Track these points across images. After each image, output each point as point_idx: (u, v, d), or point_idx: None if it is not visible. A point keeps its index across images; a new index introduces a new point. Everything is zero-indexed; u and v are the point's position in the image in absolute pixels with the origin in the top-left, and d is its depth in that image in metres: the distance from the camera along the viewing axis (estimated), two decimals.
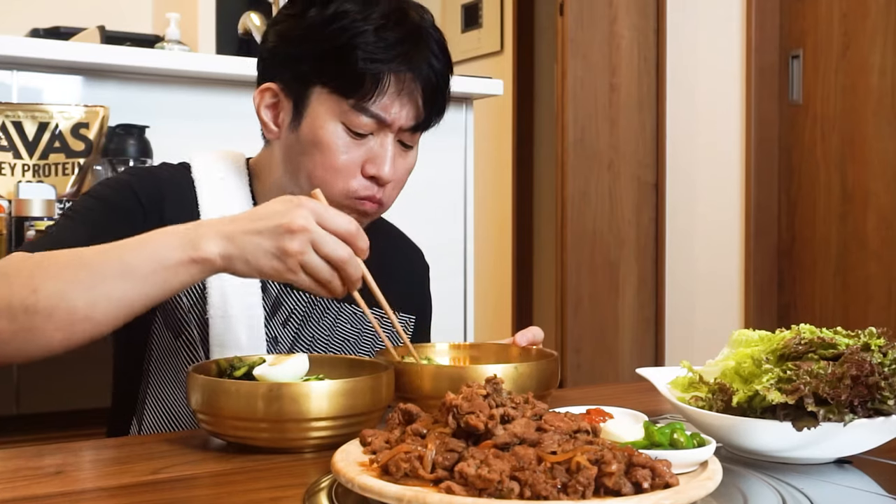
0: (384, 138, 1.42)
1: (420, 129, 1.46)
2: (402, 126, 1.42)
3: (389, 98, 1.39)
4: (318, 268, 1.15)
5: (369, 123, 1.40)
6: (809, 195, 3.91)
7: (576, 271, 4.30)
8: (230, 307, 1.41)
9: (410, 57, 1.39)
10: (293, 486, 0.99)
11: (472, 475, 0.79)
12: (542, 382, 1.27)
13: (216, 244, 1.16)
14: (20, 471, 1.06)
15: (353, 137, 1.40)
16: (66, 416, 2.19)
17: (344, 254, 1.16)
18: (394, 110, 1.40)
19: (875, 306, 3.63)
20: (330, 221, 1.16)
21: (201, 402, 1.13)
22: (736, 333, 1.23)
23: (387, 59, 1.37)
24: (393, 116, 1.40)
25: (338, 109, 1.40)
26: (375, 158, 1.41)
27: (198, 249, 1.15)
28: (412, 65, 1.40)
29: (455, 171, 2.83)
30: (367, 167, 1.41)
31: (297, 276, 1.15)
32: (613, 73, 4.37)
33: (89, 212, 1.41)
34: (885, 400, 1.04)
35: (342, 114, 1.39)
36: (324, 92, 1.40)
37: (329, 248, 1.15)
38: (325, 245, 1.15)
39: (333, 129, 1.40)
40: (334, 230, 1.16)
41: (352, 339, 1.56)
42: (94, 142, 2.29)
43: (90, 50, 2.37)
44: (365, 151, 1.41)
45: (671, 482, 0.81)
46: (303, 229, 1.14)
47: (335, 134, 1.40)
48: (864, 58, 3.67)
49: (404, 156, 1.46)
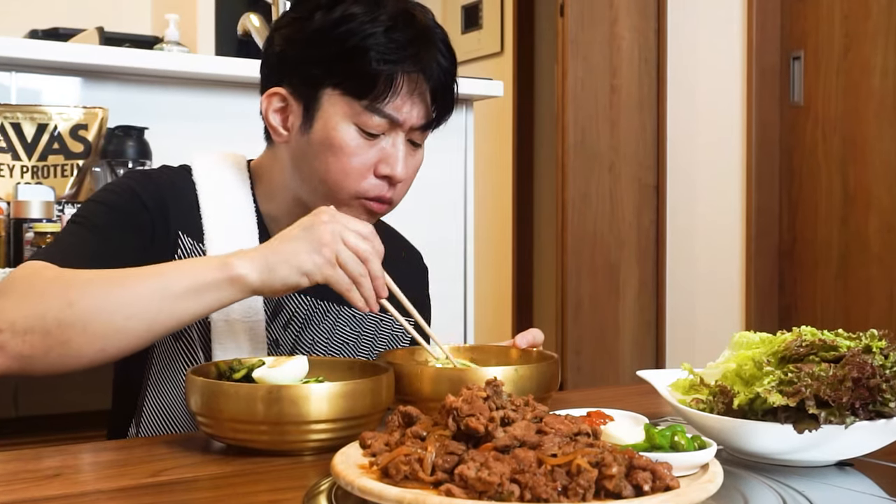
0: (396, 138, 1.42)
1: (430, 128, 1.47)
2: (414, 125, 1.43)
3: (402, 98, 1.40)
4: (350, 260, 1.24)
5: (382, 124, 1.40)
6: (811, 197, 3.90)
7: (576, 273, 4.30)
8: (232, 310, 1.41)
9: (421, 57, 1.40)
10: (293, 488, 0.99)
11: (472, 478, 0.79)
12: (543, 385, 1.27)
13: (250, 261, 1.23)
14: (19, 473, 1.06)
15: (366, 138, 1.41)
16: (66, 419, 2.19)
17: (369, 247, 1.26)
18: (405, 110, 1.41)
19: (876, 308, 3.63)
20: (348, 221, 1.27)
21: (201, 404, 1.13)
22: (737, 335, 1.23)
23: (399, 60, 1.38)
24: (404, 116, 1.41)
25: (350, 111, 1.40)
26: (388, 158, 1.42)
27: (233, 269, 1.22)
28: (423, 65, 1.40)
29: (455, 173, 2.83)
30: (380, 167, 1.42)
31: (334, 270, 1.23)
32: (614, 75, 4.37)
33: (97, 217, 1.41)
34: (887, 402, 1.04)
35: (355, 115, 1.40)
36: (335, 94, 1.40)
37: (355, 241, 1.24)
38: (351, 238, 1.24)
39: (346, 131, 1.40)
40: (354, 229, 1.26)
41: (351, 342, 1.56)
42: (92, 143, 2.29)
43: (89, 51, 2.37)
44: (377, 152, 1.42)
45: (672, 485, 0.81)
46: (331, 221, 1.25)
47: (348, 135, 1.40)
48: (866, 59, 3.67)
49: (413, 154, 1.47)
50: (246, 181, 1.53)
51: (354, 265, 1.24)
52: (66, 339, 1.19)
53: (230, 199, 1.50)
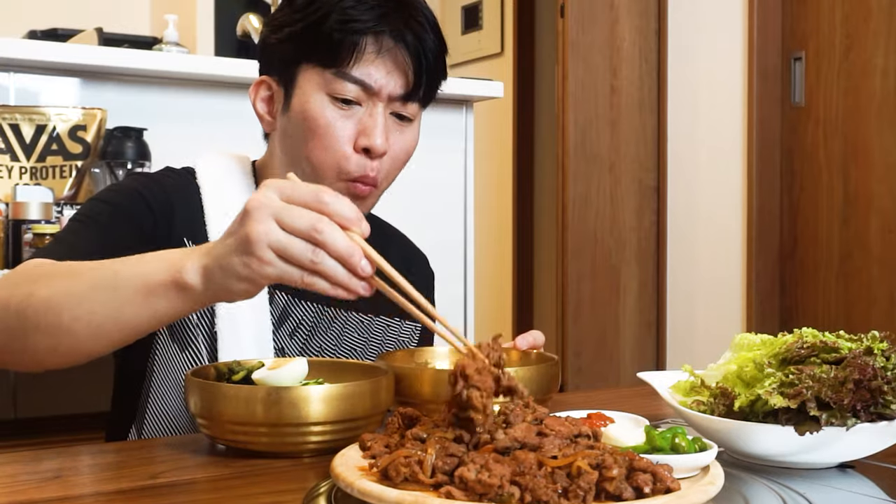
0: (373, 108, 1.41)
1: (412, 99, 1.44)
2: (392, 94, 1.41)
3: (369, 60, 1.38)
4: (289, 245, 0.95)
5: (353, 89, 1.39)
6: (811, 198, 3.90)
7: (576, 274, 4.30)
8: (238, 318, 1.40)
9: (389, 19, 1.39)
10: (292, 490, 0.99)
11: (472, 480, 0.78)
12: (543, 386, 1.26)
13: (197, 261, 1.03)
14: (18, 475, 1.05)
15: (340, 107, 1.40)
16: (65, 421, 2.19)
17: (313, 221, 0.95)
18: (378, 76, 1.39)
19: (878, 310, 3.62)
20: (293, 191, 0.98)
21: (200, 406, 1.12)
22: (738, 337, 1.23)
23: (363, 21, 1.37)
24: (379, 83, 1.39)
25: (322, 80, 1.40)
26: (366, 129, 1.40)
27: (180, 270, 1.03)
28: (391, 26, 1.39)
29: (455, 174, 2.83)
30: (359, 140, 1.40)
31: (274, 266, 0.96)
32: (614, 76, 4.37)
33: (101, 216, 1.40)
34: (888, 404, 1.04)
35: (325, 84, 1.39)
36: (308, 68, 1.41)
37: (294, 219, 0.95)
38: (290, 216, 0.96)
39: (320, 101, 1.40)
40: (299, 200, 0.97)
41: (359, 349, 1.55)
42: (91, 144, 2.29)
43: (88, 52, 2.37)
44: (355, 123, 1.40)
45: (672, 487, 0.81)
46: (260, 205, 0.96)
47: (322, 105, 1.40)
48: (867, 60, 3.67)
49: (401, 130, 1.45)
50: (250, 182, 1.53)
51: (298, 250, 0.95)
52: (22, 332, 1.13)
53: (234, 201, 1.49)
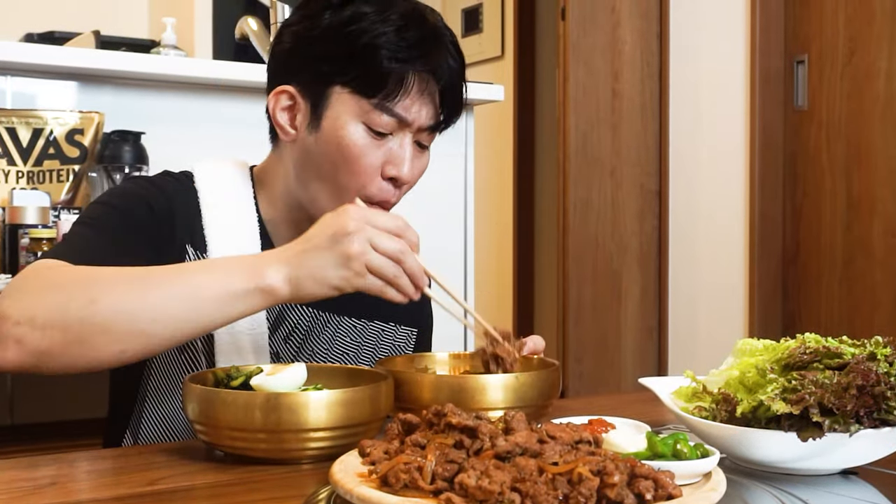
0: (403, 139, 1.42)
1: (437, 130, 1.46)
2: (422, 126, 1.42)
3: (411, 98, 1.39)
4: (382, 265, 1.18)
5: (391, 123, 1.39)
6: (815, 202, 3.90)
7: (577, 279, 4.29)
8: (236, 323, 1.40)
9: (431, 57, 1.40)
10: (291, 497, 0.99)
11: (472, 486, 0.78)
12: (544, 392, 1.26)
13: (278, 271, 1.18)
14: (15, 482, 1.05)
15: (374, 138, 1.40)
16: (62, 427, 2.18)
17: (400, 246, 1.19)
18: (414, 110, 1.40)
19: (881, 315, 3.62)
20: (378, 220, 1.20)
21: (198, 412, 1.12)
22: (740, 343, 1.22)
23: (410, 59, 1.38)
24: (413, 116, 1.40)
25: (359, 109, 1.39)
26: (395, 159, 1.41)
27: (263, 278, 1.18)
28: (433, 65, 1.40)
29: (455, 178, 2.83)
30: (386, 168, 1.41)
31: (365, 279, 1.18)
32: (616, 79, 4.36)
33: (105, 218, 1.40)
34: (892, 410, 1.04)
35: (364, 113, 1.39)
36: (344, 92, 1.40)
37: (385, 244, 1.18)
38: (382, 242, 1.18)
39: (355, 130, 1.39)
40: (384, 228, 1.20)
41: (351, 353, 1.55)
42: (89, 148, 2.29)
43: (85, 55, 2.37)
44: (384, 153, 1.41)
45: (674, 493, 0.81)
46: (357, 230, 1.17)
47: (356, 134, 1.39)
48: (870, 63, 3.66)
49: (420, 156, 1.46)
50: (248, 188, 1.52)
51: (388, 269, 1.19)
52: (86, 337, 1.15)
53: (232, 207, 1.49)
